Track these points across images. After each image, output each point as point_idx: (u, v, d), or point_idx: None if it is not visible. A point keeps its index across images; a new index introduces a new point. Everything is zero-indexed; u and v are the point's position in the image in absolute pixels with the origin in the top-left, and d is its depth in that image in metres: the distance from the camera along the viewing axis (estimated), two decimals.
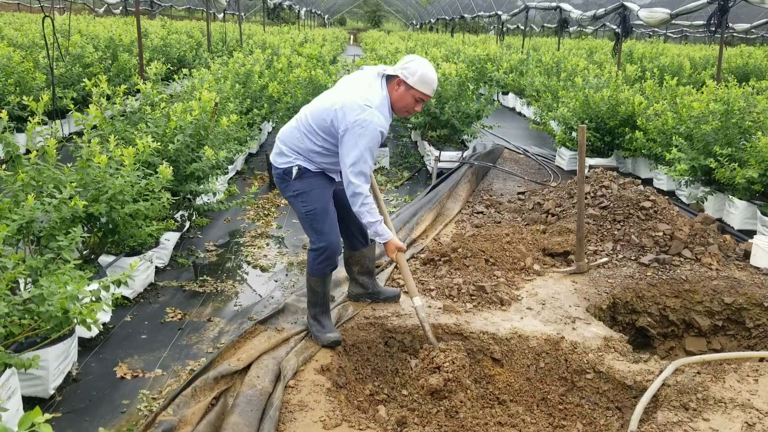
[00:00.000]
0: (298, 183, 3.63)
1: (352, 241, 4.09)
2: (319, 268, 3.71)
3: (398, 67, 3.58)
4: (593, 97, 8.50)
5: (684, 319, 4.73)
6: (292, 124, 3.72)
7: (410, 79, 3.51)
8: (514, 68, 15.12)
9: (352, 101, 3.45)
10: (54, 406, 3.28)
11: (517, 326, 4.01)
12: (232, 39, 17.93)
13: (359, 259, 4.15)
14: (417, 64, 3.53)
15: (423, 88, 3.53)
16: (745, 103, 6.80)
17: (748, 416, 3.11)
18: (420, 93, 3.54)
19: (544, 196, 6.72)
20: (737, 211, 6.50)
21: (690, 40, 30.55)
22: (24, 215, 3.35)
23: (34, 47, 10.95)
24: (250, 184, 7.73)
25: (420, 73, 3.50)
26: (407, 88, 3.53)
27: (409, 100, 3.57)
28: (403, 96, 3.56)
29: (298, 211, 3.71)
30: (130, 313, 4.35)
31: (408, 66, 3.53)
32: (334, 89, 3.71)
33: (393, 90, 3.57)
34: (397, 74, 3.53)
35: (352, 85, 3.61)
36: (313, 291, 3.80)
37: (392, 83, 3.58)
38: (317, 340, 3.72)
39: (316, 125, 3.57)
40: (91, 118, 4.58)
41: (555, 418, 3.47)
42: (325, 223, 3.64)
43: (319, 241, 3.65)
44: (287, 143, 3.67)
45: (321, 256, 3.67)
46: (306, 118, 3.63)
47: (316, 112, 3.59)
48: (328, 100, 3.58)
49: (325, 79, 8.63)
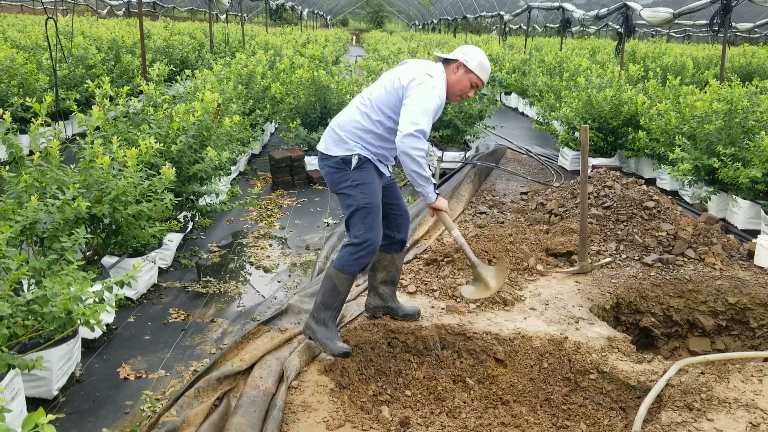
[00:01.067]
0: (357, 174, 3.55)
1: (388, 243, 3.88)
2: (354, 264, 3.58)
3: (456, 52, 3.68)
4: (596, 97, 8.49)
5: (688, 319, 4.72)
6: (350, 109, 3.68)
7: (470, 63, 3.60)
8: (516, 68, 15.11)
9: (416, 72, 3.52)
10: (57, 407, 3.29)
11: (521, 326, 4.01)
12: (235, 40, 17.95)
13: (387, 265, 3.96)
14: (476, 51, 3.66)
15: (481, 73, 3.63)
16: (749, 102, 6.78)
17: (753, 416, 3.10)
18: (477, 78, 3.64)
19: (547, 197, 6.71)
20: (741, 211, 6.48)
21: (693, 40, 30.50)
22: (27, 216, 3.35)
23: (38, 49, 10.97)
24: (253, 185, 7.73)
25: (480, 59, 3.63)
26: (466, 72, 3.62)
27: (465, 84, 3.65)
28: (461, 79, 3.63)
29: (355, 201, 3.55)
30: (134, 314, 4.35)
31: (467, 51, 3.64)
32: (392, 72, 3.69)
33: (451, 73, 3.64)
34: (457, 58, 3.63)
35: (410, 66, 3.65)
36: (335, 291, 3.64)
37: (450, 66, 3.65)
38: (325, 348, 3.57)
39: (381, 103, 3.56)
40: (94, 120, 4.59)
41: (558, 418, 3.46)
42: (377, 217, 3.57)
43: (365, 235, 3.53)
44: (346, 129, 3.60)
45: (362, 251, 3.54)
46: (368, 99, 3.62)
47: (379, 92, 3.60)
48: (389, 78, 3.60)
49: (327, 79, 8.63)
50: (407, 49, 16.51)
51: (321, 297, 3.65)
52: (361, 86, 9.05)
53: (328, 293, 3.63)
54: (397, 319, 4.00)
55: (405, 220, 3.91)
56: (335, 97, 8.60)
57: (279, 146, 9.46)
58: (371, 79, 9.72)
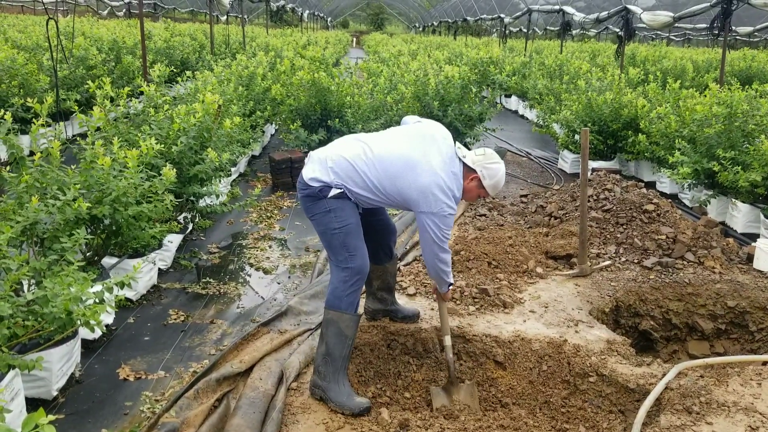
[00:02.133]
0: (333, 201, 3.32)
1: (376, 254, 3.80)
2: (351, 295, 3.34)
3: (479, 162, 3.45)
4: (596, 100, 8.50)
5: (687, 323, 4.72)
6: (355, 166, 3.33)
7: (486, 182, 3.45)
8: (516, 71, 15.13)
9: (437, 187, 3.26)
10: (57, 408, 3.29)
11: (520, 329, 4.01)
12: (235, 41, 17.96)
13: (381, 274, 3.94)
14: (497, 168, 3.47)
15: (492, 191, 3.52)
16: (749, 106, 6.79)
17: (752, 420, 3.10)
18: (486, 193, 3.52)
19: (546, 199, 6.72)
20: (740, 215, 6.49)
21: (693, 43, 30.54)
22: (28, 217, 3.35)
23: (38, 49, 10.98)
24: (253, 186, 7.74)
25: (497, 179, 3.48)
26: (479, 186, 3.48)
27: (473, 195, 3.53)
28: (472, 189, 3.49)
29: (329, 227, 3.34)
30: (133, 315, 4.35)
31: (490, 167, 3.45)
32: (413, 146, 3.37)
33: (466, 179, 3.46)
34: (476, 170, 3.44)
35: (431, 153, 3.35)
36: (341, 336, 3.32)
37: (466, 172, 3.46)
38: (342, 409, 3.22)
39: (389, 184, 3.33)
40: (94, 120, 4.59)
41: (558, 421, 3.46)
42: (358, 239, 3.37)
43: (351, 259, 3.33)
44: (343, 178, 3.32)
45: (354, 277, 3.34)
46: (376, 170, 3.32)
47: (391, 174, 3.31)
48: (409, 169, 3.29)
49: (328, 81, 8.64)
50: (407, 51, 16.53)
51: (325, 348, 3.32)
52: (361, 88, 9.07)
53: (333, 341, 3.31)
54: (397, 321, 4.00)
55: (390, 232, 3.86)
56: (335, 98, 8.61)
57: (279, 148, 9.47)
58: (371, 81, 9.73)
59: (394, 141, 3.43)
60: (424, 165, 3.29)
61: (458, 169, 3.42)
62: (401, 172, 3.29)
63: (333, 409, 3.22)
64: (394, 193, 3.33)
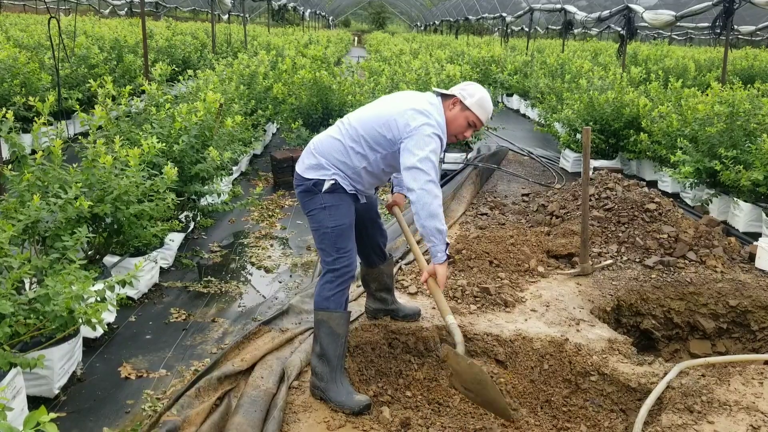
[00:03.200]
0: (328, 196, 3.32)
1: (369, 258, 3.84)
2: (338, 295, 3.32)
3: (455, 88, 3.42)
4: (598, 99, 8.49)
5: (688, 322, 4.72)
6: (333, 137, 3.38)
7: (468, 100, 3.34)
8: (518, 70, 15.12)
9: (412, 109, 3.24)
10: (59, 406, 3.29)
11: (521, 328, 4.01)
12: (237, 40, 17.96)
13: (377, 276, 3.93)
14: (476, 87, 3.40)
15: (479, 111, 3.36)
16: (751, 105, 6.79)
17: (753, 419, 3.10)
18: (474, 116, 3.36)
19: (548, 198, 6.72)
20: (742, 214, 6.49)
21: (695, 42, 30.49)
22: (29, 215, 3.36)
23: (40, 48, 10.99)
24: (255, 185, 7.74)
25: (479, 96, 3.36)
26: (462, 109, 3.36)
27: (461, 122, 3.37)
28: (456, 117, 3.36)
29: (323, 225, 3.33)
30: (135, 314, 4.36)
31: (466, 88, 3.39)
32: (384, 100, 3.45)
33: (447, 109, 3.37)
34: (454, 94, 3.37)
35: (405, 97, 3.39)
36: (332, 335, 3.29)
37: (446, 103, 3.39)
38: (342, 407, 3.21)
39: (369, 137, 3.30)
40: (96, 119, 4.60)
41: (559, 420, 3.46)
42: (350, 240, 3.36)
43: (340, 260, 3.31)
44: (326, 156, 3.34)
45: (342, 277, 3.32)
46: (354, 129, 3.34)
47: (368, 124, 3.32)
48: (383, 110, 3.33)
49: (329, 80, 8.64)
50: (409, 50, 16.52)
51: (319, 348, 3.32)
52: (362, 87, 9.07)
53: (326, 340, 3.30)
54: (398, 320, 4.00)
55: (382, 235, 3.85)
56: (337, 97, 8.60)
57: (281, 147, 9.47)
58: (373, 80, 9.73)
59: (368, 104, 3.51)
60: (396, 103, 3.33)
61: (436, 101, 3.38)
62: (376, 117, 3.32)
63: (334, 408, 3.23)
64: (374, 140, 3.29)
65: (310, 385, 3.35)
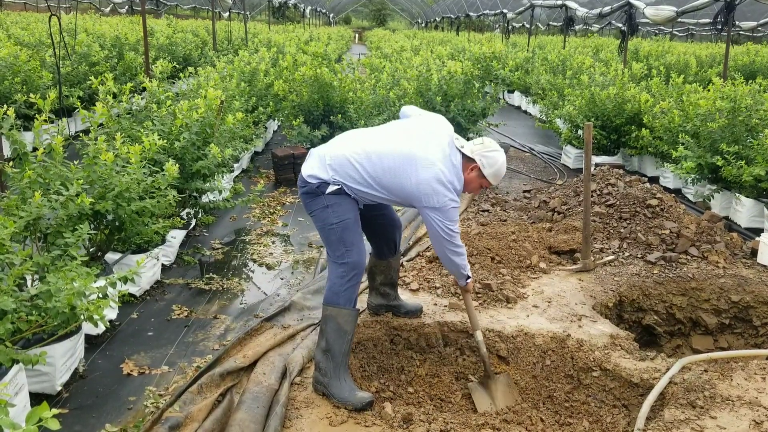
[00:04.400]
0: (331, 197, 3.32)
1: (380, 250, 3.87)
2: (349, 291, 3.32)
3: (477, 151, 3.42)
4: (599, 95, 8.48)
5: (691, 317, 4.71)
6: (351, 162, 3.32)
7: (486, 170, 3.41)
8: (519, 66, 15.09)
9: (436, 180, 3.24)
10: (61, 402, 3.29)
11: (523, 324, 4.01)
12: (238, 37, 17.94)
13: (384, 269, 3.94)
14: (497, 156, 3.43)
15: (493, 180, 3.47)
16: (752, 100, 6.77)
17: (756, 414, 3.10)
18: (488, 183, 3.48)
19: (549, 194, 6.71)
20: (744, 209, 6.47)
21: (696, 38, 30.44)
22: (31, 212, 3.36)
23: (41, 46, 10.98)
24: (256, 182, 7.73)
25: (497, 167, 3.43)
26: (479, 176, 3.43)
27: (475, 185, 3.48)
28: (472, 180, 3.44)
29: (327, 222, 3.33)
30: (137, 311, 4.36)
31: (488, 156, 3.41)
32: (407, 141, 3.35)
33: (466, 171, 3.42)
34: (475, 159, 3.40)
35: (430, 146, 3.33)
36: (340, 332, 3.29)
37: (466, 163, 3.42)
38: (345, 404, 3.21)
39: (388, 184, 3.31)
40: (97, 116, 4.59)
41: (561, 415, 3.46)
42: (356, 233, 3.37)
43: (347, 255, 3.32)
44: (341, 175, 3.32)
45: (352, 271, 3.31)
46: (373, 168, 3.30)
47: (388, 175, 3.30)
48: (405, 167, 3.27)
49: (330, 77, 8.63)
50: (410, 47, 16.50)
51: (325, 344, 3.31)
52: (363, 83, 9.06)
53: (333, 336, 3.29)
54: (400, 316, 4.00)
55: (395, 227, 3.85)
56: (338, 94, 8.60)
57: (282, 144, 9.46)
58: (374, 76, 9.72)
59: (394, 136, 3.42)
60: (422, 159, 3.27)
61: (458, 160, 3.41)
62: (400, 166, 3.28)
63: (336, 404, 3.22)
64: (394, 188, 3.31)
65: (313, 381, 3.35)
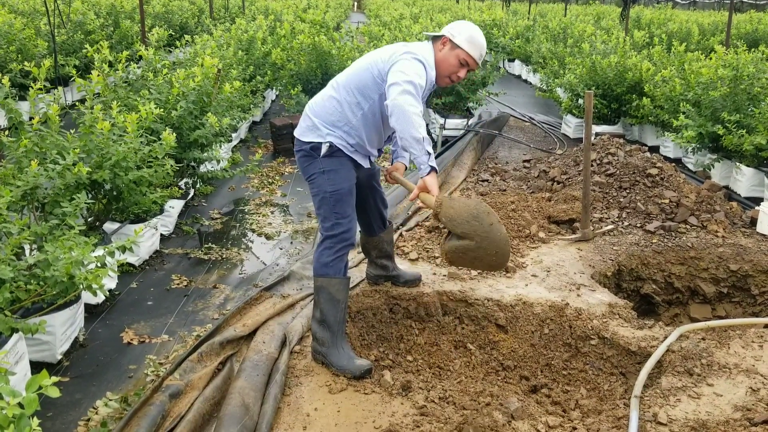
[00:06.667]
0: (326, 160, 3.27)
1: (369, 227, 3.82)
2: (337, 261, 3.28)
3: (444, 28, 3.29)
4: (600, 64, 8.40)
5: (689, 286, 4.72)
6: (326, 94, 3.34)
7: (457, 38, 3.20)
8: (520, 34, 14.94)
9: (396, 49, 3.19)
10: (62, 371, 3.31)
11: (522, 293, 4.01)
12: (235, 5, 17.71)
13: (377, 244, 3.92)
14: (465, 25, 3.27)
15: (469, 48, 3.21)
16: (755, 69, 6.71)
17: (753, 381, 3.12)
18: (465, 54, 3.22)
19: (549, 164, 6.68)
20: (744, 178, 6.46)
21: (699, 6, 30.10)
22: (28, 181, 3.34)
23: (36, 14, 10.84)
24: (254, 152, 7.69)
25: (468, 33, 3.22)
26: (452, 47, 3.23)
27: (453, 62, 3.23)
28: (446, 57, 3.23)
29: (322, 190, 3.29)
30: (136, 280, 4.36)
31: (455, 26, 3.27)
32: (368, 54, 3.37)
33: (438, 50, 3.25)
34: (443, 33, 3.25)
35: (389, 46, 3.32)
36: (332, 301, 3.27)
37: (437, 44, 3.27)
38: (343, 372, 3.20)
39: (359, 82, 3.24)
40: (93, 85, 4.54)
41: (559, 383, 3.48)
42: (349, 206, 3.32)
43: (338, 225, 3.27)
44: (321, 116, 3.29)
45: (340, 243, 3.27)
46: (345, 81, 3.29)
47: (357, 71, 3.28)
48: (370, 56, 3.29)
49: (328, 45, 8.53)
50: (410, 14, 16.30)
51: (319, 314, 3.30)
52: (362, 52, 8.96)
53: (326, 306, 3.28)
54: (399, 286, 4.01)
55: (383, 204, 3.82)
56: (336, 63, 8.51)
57: (280, 113, 9.40)
58: (372, 45, 9.62)
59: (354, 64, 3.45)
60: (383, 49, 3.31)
61: (427, 43, 3.32)
62: (364, 62, 3.29)
63: (335, 372, 3.24)
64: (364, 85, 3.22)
65: (312, 350, 3.36)
